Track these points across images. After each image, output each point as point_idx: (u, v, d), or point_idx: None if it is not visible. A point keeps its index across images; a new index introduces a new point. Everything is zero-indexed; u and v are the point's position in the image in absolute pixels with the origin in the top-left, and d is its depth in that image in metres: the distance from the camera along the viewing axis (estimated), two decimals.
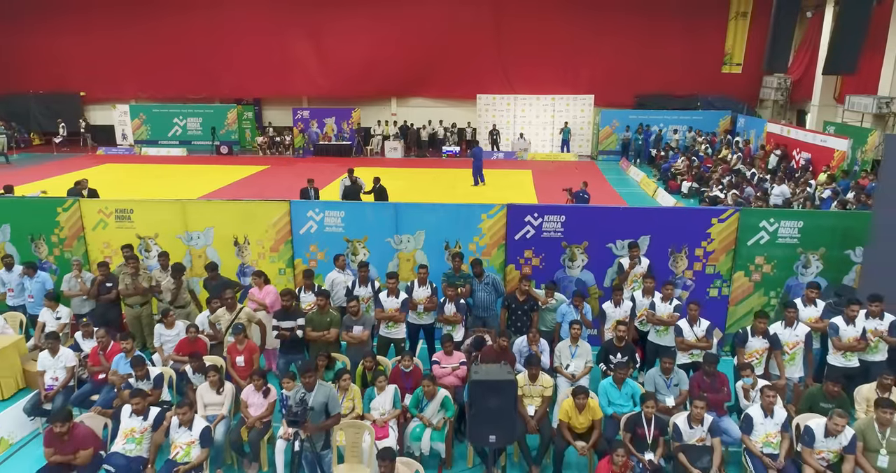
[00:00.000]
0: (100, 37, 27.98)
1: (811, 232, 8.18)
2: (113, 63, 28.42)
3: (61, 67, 28.73)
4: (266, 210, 8.87)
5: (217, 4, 27.01)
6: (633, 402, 6.24)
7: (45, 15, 27.85)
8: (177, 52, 27.89)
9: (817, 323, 6.89)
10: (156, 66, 28.35)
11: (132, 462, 5.52)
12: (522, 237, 8.59)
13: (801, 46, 23.05)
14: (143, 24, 27.62)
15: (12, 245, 9.21)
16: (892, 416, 5.33)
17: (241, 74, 28.00)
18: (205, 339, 7.17)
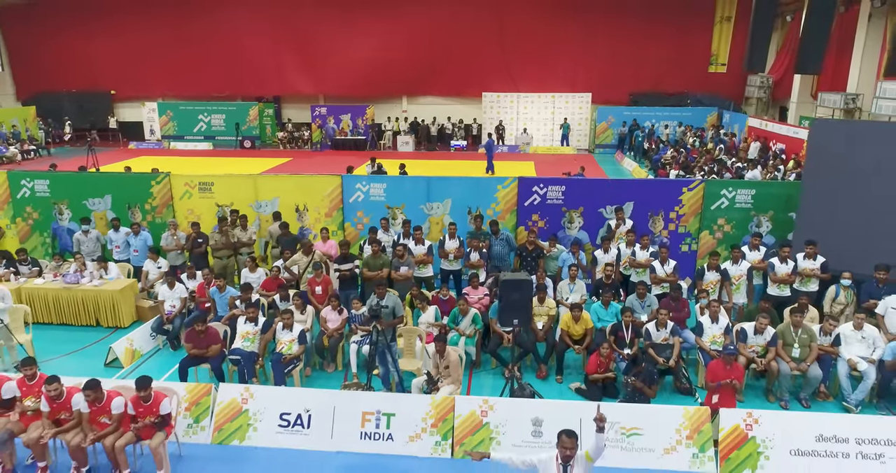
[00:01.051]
0: (130, 39, 30.00)
1: (762, 198, 10.24)
2: (142, 64, 30.43)
3: (93, 67, 30.78)
4: (322, 183, 10.93)
5: (239, 10, 29.03)
6: (617, 319, 8.26)
7: (78, 19, 29.85)
8: (202, 53, 29.91)
9: (760, 264, 8.93)
10: (182, 67, 30.37)
11: (248, 354, 7.55)
12: (531, 204, 10.64)
13: (782, 48, 25.11)
14: (171, 27, 29.66)
15: (112, 212, 11.25)
16: (801, 319, 7.38)
17: (262, 74, 30.06)
18: (283, 278, 9.19)
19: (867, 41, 19.77)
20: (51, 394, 6.00)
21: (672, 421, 6.33)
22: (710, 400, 6.61)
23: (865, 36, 19.98)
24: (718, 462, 6.19)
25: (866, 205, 8.68)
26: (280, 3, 28.70)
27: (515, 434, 6.34)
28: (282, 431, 6.61)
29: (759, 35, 20.41)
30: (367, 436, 6.52)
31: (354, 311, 8.22)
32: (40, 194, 11.31)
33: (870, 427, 6.19)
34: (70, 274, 9.62)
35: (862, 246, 8.48)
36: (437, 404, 6.53)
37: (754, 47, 20.64)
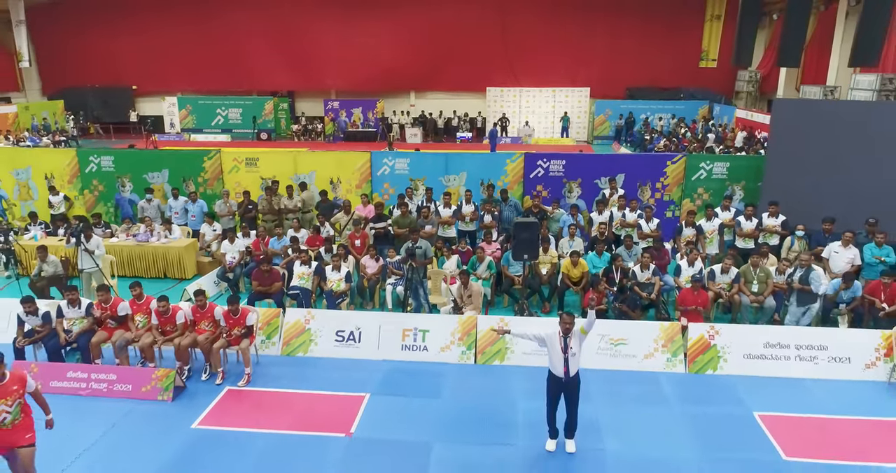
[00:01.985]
0: (151, 37, 31.59)
1: (735, 170, 11.87)
2: (163, 60, 32.03)
3: (116, 64, 32.38)
4: (353, 158, 12.55)
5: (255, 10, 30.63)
6: (608, 265, 9.85)
7: (102, 17, 31.44)
8: (219, 50, 31.51)
9: (730, 222, 10.54)
10: (201, 63, 31.97)
11: (305, 289, 9.16)
12: (535, 176, 12.26)
13: (769, 45, 26.73)
14: (190, 25, 31.26)
15: (169, 184, 12.86)
16: (758, 260, 8.99)
17: (277, 70, 31.66)
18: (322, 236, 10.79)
19: (844, 37, 21.40)
20: (160, 310, 7.62)
21: (650, 334, 7.94)
22: (681, 320, 8.22)
23: (843, 32, 21.64)
24: (687, 364, 7.80)
25: (818, 171, 10.30)
26: (294, 4, 30.30)
27: (525, 345, 7.94)
28: (338, 345, 8.22)
29: (746, 32, 21.90)
30: (406, 348, 8.14)
31: (389, 259, 9.83)
32: (106, 169, 12.93)
33: (806, 336, 7.81)
34: (141, 233, 11.23)
35: (814, 204, 10.09)
36: (462, 322, 8.15)
37: (741, 44, 22.13)
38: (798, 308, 8.64)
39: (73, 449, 6.21)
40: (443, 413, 6.91)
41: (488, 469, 5.93)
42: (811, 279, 8.57)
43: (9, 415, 5.09)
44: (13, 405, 5.09)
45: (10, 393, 5.07)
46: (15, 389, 5.10)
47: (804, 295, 8.56)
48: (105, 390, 7.24)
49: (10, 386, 5.08)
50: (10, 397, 5.06)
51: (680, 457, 6.12)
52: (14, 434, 5.13)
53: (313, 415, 6.86)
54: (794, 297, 8.73)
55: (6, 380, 5.09)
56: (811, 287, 8.54)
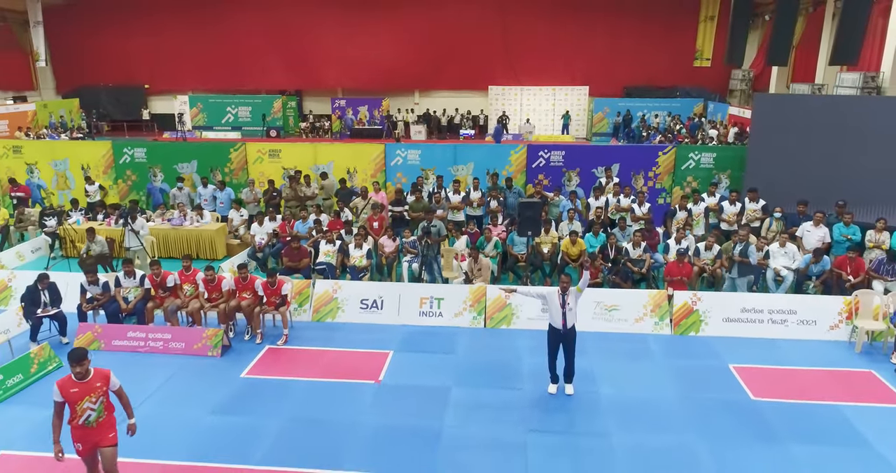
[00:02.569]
0: (164, 38, 32.61)
1: (721, 160, 12.88)
2: (174, 60, 33.05)
3: (129, 63, 33.39)
4: (368, 149, 13.56)
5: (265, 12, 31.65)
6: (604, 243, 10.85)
7: (116, 18, 32.45)
8: (229, 51, 32.53)
9: (714, 206, 11.53)
10: (211, 63, 32.99)
11: (330, 265, 10.17)
12: (537, 166, 13.27)
13: (762, 44, 27.74)
14: (201, 27, 32.29)
15: (197, 174, 13.86)
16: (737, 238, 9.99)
17: (284, 70, 32.68)
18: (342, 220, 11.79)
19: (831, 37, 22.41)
20: (207, 278, 8.63)
21: (640, 300, 8.96)
22: (667, 290, 9.22)
23: (830, 33, 22.63)
24: (672, 326, 8.81)
25: (795, 159, 11.31)
26: (301, 7, 31.32)
27: (529, 310, 8.95)
28: (362, 311, 9.24)
29: (737, 33, 22.99)
30: (423, 314, 9.16)
31: (405, 239, 10.84)
32: (138, 160, 13.94)
33: (777, 302, 8.82)
34: (175, 218, 12.23)
35: (791, 189, 11.10)
36: (473, 291, 9.16)
37: (733, 44, 23.22)
38: (740, 278, 9.64)
39: (139, 395, 7.17)
40: (458, 365, 7.93)
41: (500, 408, 6.94)
42: (749, 252, 9.58)
43: (93, 413, 5.07)
44: (97, 402, 5.07)
45: (94, 389, 5.05)
46: (98, 386, 5.08)
47: (744, 266, 9.60)
48: (161, 347, 8.25)
49: (94, 383, 5.07)
50: (94, 394, 5.05)
51: (662, 397, 7.13)
52: (99, 433, 5.12)
53: (345, 367, 7.87)
54: (735, 268, 9.73)
55: (90, 377, 5.08)
56: (749, 259, 9.54)
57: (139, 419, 5.59)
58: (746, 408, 6.94)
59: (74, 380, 5.03)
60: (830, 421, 6.66)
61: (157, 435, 6.36)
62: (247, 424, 6.61)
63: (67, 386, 5.01)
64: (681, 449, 6.18)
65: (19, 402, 7.10)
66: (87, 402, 5.02)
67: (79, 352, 5.07)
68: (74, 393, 5.00)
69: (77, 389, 5.00)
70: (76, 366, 5.01)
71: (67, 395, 4.98)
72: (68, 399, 4.99)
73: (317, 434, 6.41)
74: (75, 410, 5.03)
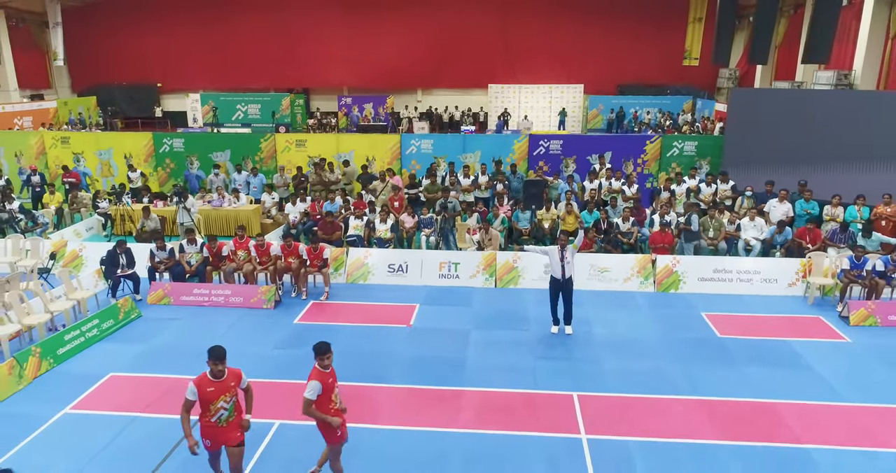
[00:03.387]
0: (176, 39, 34.02)
1: (702, 148, 14.43)
2: (186, 59, 34.45)
3: (142, 63, 34.78)
4: (386, 139, 15.06)
5: (274, 13, 33.10)
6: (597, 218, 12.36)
7: (130, 19, 33.85)
8: (239, 50, 33.97)
9: (695, 187, 13.07)
10: (221, 62, 34.41)
11: (359, 236, 11.66)
12: (538, 153, 14.78)
13: (746, 45, 29.33)
14: (212, 28, 33.71)
15: (230, 163, 15.32)
16: (714, 212, 11.51)
17: (293, 69, 34.12)
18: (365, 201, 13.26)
19: None
20: (258, 244, 10.11)
21: (628, 263, 10.48)
22: (652, 255, 10.75)
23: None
24: (655, 285, 10.33)
25: (765, 146, 12.86)
26: (309, 8, 32.79)
27: (533, 272, 10.46)
28: (389, 274, 10.73)
29: (723, 34, 24.45)
30: (442, 276, 10.65)
31: (422, 216, 12.33)
32: (177, 149, 15.39)
33: (745, 264, 10.36)
34: (215, 200, 13.69)
35: (761, 171, 12.64)
36: (485, 256, 10.67)
37: (719, 44, 24.67)
38: (687, 243, 11.20)
39: (210, 336, 8.64)
40: (475, 314, 9.44)
41: (512, 344, 8.44)
42: (691, 222, 11.16)
43: (225, 412, 5.05)
44: (230, 401, 5.04)
45: (228, 389, 5.03)
46: (232, 385, 5.07)
47: (689, 233, 11.22)
48: (222, 301, 9.73)
49: (228, 383, 5.04)
50: (227, 393, 5.02)
51: (645, 336, 8.66)
52: (228, 433, 5.11)
53: (380, 316, 9.37)
54: (682, 236, 11.28)
55: (225, 377, 5.04)
56: (691, 227, 11.13)
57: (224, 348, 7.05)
58: (713, 343, 8.46)
59: (211, 379, 5.03)
60: (781, 352, 8.19)
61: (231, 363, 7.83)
62: (306, 354, 8.00)
63: (204, 384, 5.01)
64: (658, 371, 7.70)
65: (113, 341, 8.57)
66: (221, 401, 5.01)
67: (220, 351, 5.06)
68: (210, 392, 4.99)
69: (213, 388, 5.00)
70: (218, 364, 5.00)
71: (203, 394, 4.98)
72: (203, 398, 4.99)
73: (364, 361, 7.89)
74: (208, 409, 5.02)
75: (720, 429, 6.45)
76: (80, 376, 7.58)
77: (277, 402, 6.93)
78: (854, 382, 7.39)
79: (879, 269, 9.49)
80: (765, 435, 6.33)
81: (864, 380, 7.44)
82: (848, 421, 6.59)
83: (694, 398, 7.07)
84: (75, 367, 7.83)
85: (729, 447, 6.16)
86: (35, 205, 14.62)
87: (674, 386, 7.34)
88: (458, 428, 6.48)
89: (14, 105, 29.13)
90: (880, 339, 8.55)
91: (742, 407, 6.86)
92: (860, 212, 11.44)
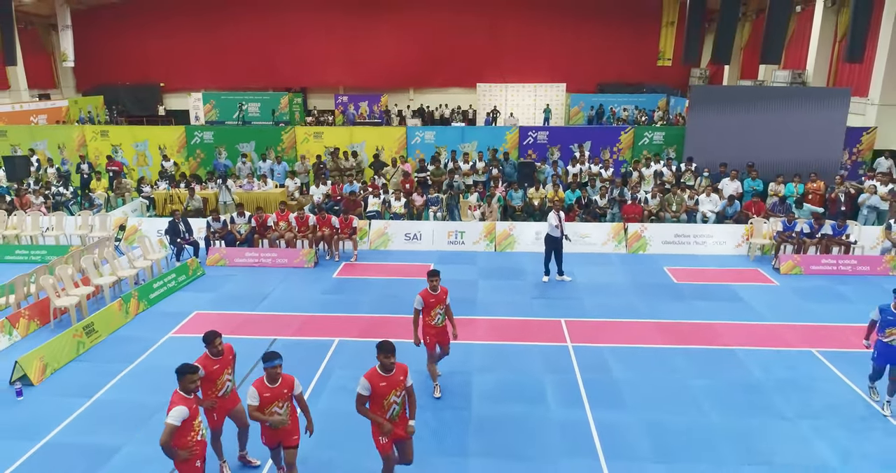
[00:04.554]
0: (178, 40, 35.71)
1: (668, 137, 16.68)
2: (188, 60, 36.16)
3: (146, 63, 36.42)
4: (393, 131, 17.11)
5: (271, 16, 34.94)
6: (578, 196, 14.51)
7: (133, 22, 35.48)
8: (239, 51, 35.73)
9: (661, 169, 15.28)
10: (222, 63, 36.16)
11: (377, 212, 13.70)
12: (527, 143, 16.92)
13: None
14: (213, 30, 35.46)
15: (255, 153, 17.26)
16: (676, 190, 13.73)
17: (291, 69, 35.99)
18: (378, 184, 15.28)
19: None
20: (298, 217, 12.12)
21: (605, 230, 12.65)
22: (624, 223, 12.93)
23: None
24: (627, 247, 12.52)
25: (719, 134, 15.13)
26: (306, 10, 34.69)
27: (527, 238, 12.58)
28: (406, 242, 12.79)
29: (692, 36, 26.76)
30: (451, 243, 12.74)
31: (429, 195, 14.40)
32: (206, 141, 17.29)
33: (700, 229, 12.57)
34: (245, 184, 15.64)
35: (716, 155, 14.90)
36: (486, 226, 12.78)
37: (688, 46, 27.00)
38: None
39: (263, 290, 10.63)
40: (480, 269, 11.55)
41: (512, 289, 10.55)
42: (624, 194, 13.40)
43: (397, 407, 5.15)
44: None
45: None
46: (285, 392, 5.15)
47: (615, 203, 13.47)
48: (270, 262, 11.73)
49: (281, 389, 5.13)
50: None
51: (617, 282, 10.84)
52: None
53: (403, 272, 11.44)
54: (615, 207, 13.54)
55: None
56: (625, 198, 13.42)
57: (278, 294, 9.09)
58: (670, 286, 10.66)
59: (381, 374, 5.06)
60: (723, 292, 10.40)
61: (293, 303, 9.87)
62: (349, 298, 10.16)
63: (376, 379, 5.04)
64: (626, 304, 9.87)
65: (188, 291, 10.56)
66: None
67: (389, 344, 5.08)
68: (383, 386, 5.05)
69: (385, 383, 5.05)
70: (389, 357, 5.05)
71: (377, 389, 5.03)
72: (376, 393, 5.04)
73: (396, 302, 9.94)
74: (381, 404, 5.07)
75: (670, 339, 8.62)
76: (171, 313, 9.57)
77: (335, 327, 8.99)
78: (775, 310, 9.62)
79: (806, 232, 11.76)
80: (703, 342, 8.52)
81: (784, 308, 9.67)
82: (766, 332, 8.81)
83: (652, 321, 9.25)
84: (165, 307, 9.82)
85: (676, 349, 8.33)
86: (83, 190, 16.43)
87: (637, 313, 9.52)
88: (476, 341, 8.59)
89: (29, 104, 30.66)
90: (802, 283, 10.80)
91: (688, 326, 9.05)
92: (797, 188, 13.73)
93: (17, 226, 13.04)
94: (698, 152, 15.23)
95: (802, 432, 6.46)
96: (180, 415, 4.66)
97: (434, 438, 6.41)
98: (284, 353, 5.52)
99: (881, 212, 12.83)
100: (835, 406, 6.90)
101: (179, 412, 4.67)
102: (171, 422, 4.64)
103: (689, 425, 6.60)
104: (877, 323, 6.75)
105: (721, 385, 7.41)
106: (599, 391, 7.28)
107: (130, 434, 6.46)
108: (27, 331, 8.87)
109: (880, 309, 6.70)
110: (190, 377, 4.85)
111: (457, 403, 7.09)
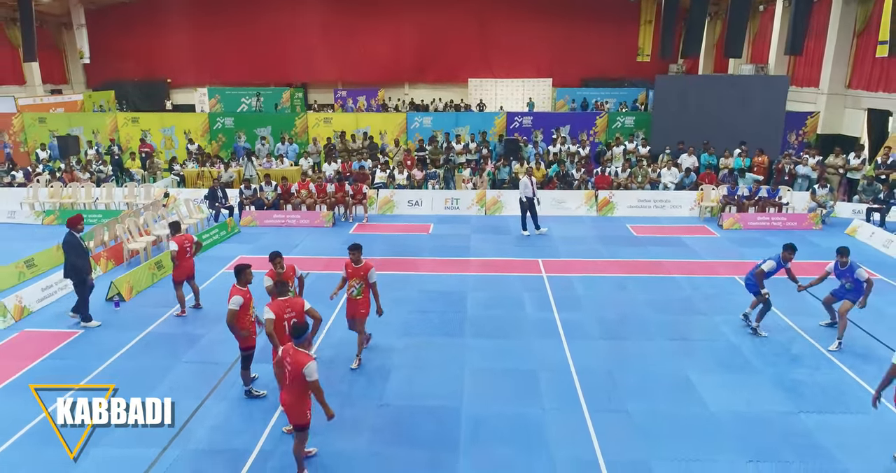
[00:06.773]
0: (184, 37, 37.60)
1: (638, 122, 18.92)
2: (193, 56, 38.05)
3: (153, 60, 38.28)
4: (395, 117, 19.22)
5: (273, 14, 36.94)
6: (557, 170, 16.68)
7: (142, 20, 37.35)
8: (243, 48, 37.69)
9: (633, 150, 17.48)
10: (226, 59, 38.10)
11: (384, 183, 15.82)
12: (513, 127, 19.09)
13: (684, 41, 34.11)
14: (218, 27, 37.37)
15: (271, 137, 19.33)
16: (642, 165, 15.94)
17: (293, 65, 37.99)
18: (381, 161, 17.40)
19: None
20: (318, 185, 14.24)
21: (579, 196, 14.85)
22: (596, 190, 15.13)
23: None
24: (597, 210, 14.72)
25: (680, 117, 17.38)
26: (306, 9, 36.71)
27: (512, 204, 14.74)
28: (409, 207, 14.94)
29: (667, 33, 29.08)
30: (447, 208, 14.90)
31: (428, 170, 16.55)
32: (227, 126, 19.33)
33: (660, 195, 14.80)
34: (265, 162, 17.72)
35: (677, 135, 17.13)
36: (478, 193, 14.95)
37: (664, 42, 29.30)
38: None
39: (292, 242, 12.72)
40: (472, 227, 13.73)
41: (498, 240, 12.73)
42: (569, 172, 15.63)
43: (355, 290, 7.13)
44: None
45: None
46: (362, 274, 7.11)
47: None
48: (294, 223, 13.83)
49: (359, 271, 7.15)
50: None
51: (587, 235, 13.06)
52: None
53: (408, 229, 13.58)
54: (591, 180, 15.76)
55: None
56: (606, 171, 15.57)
57: (306, 245, 11.21)
58: (630, 238, 12.88)
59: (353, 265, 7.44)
60: (673, 241, 12.62)
61: (319, 250, 11.99)
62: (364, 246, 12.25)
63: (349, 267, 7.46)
64: (592, 249, 12.08)
65: (228, 243, 12.66)
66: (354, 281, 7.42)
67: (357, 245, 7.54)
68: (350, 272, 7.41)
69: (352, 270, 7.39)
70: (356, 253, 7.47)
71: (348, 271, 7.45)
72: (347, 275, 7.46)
73: (404, 248, 12.09)
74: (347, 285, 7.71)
75: (624, 270, 10.83)
76: (220, 257, 11.66)
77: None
78: (712, 253, 11.86)
79: (745, 195, 14.00)
80: (650, 272, 10.72)
81: (719, 252, 11.91)
82: (701, 266, 11.04)
83: (613, 260, 11.45)
84: (215, 253, 11.91)
85: (628, 277, 10.53)
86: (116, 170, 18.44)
87: (601, 254, 11.74)
88: (470, 273, 10.75)
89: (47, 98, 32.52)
90: (739, 235, 13.05)
91: (640, 263, 11.26)
92: (744, 162, 15.98)
93: (72, 196, 15.07)
94: (661, 132, 17.46)
95: (714, 322, 8.67)
96: (238, 302, 6.29)
97: (439, 330, 8.56)
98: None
99: (812, 180, 15.10)
100: (742, 306, 9.10)
101: (237, 300, 6.29)
102: (232, 308, 6.28)
103: (629, 317, 8.81)
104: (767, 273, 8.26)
105: (660, 298, 9.60)
106: (565, 301, 9.46)
107: (209, 328, 8.57)
108: (106, 269, 10.94)
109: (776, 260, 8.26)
110: (246, 273, 6.53)
111: (456, 308, 9.23)
